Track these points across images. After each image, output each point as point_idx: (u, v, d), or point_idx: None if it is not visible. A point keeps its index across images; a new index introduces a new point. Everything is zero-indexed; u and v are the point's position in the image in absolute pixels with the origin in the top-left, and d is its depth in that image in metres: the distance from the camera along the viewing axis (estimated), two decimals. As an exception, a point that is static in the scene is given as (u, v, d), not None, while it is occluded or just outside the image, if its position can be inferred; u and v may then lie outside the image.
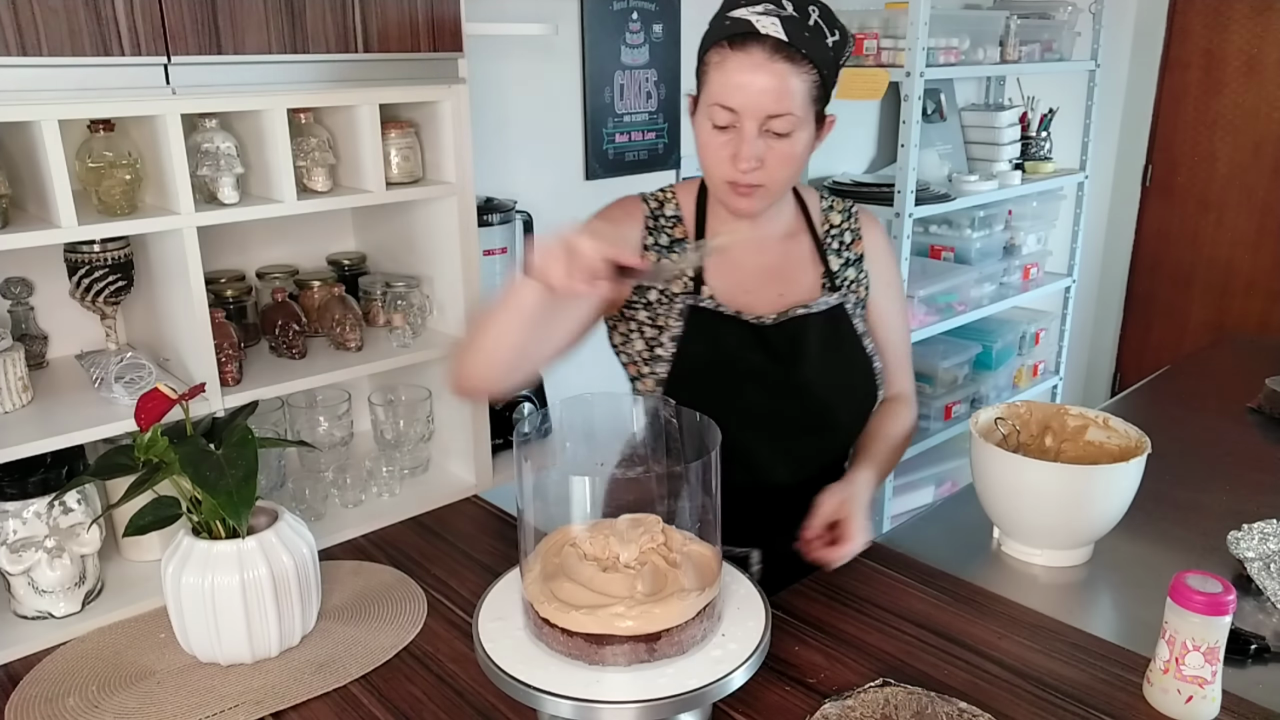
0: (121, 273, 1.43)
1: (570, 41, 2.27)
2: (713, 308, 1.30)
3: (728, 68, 1.17)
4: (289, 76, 1.37)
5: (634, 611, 0.96)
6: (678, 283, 1.31)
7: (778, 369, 1.29)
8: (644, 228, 1.34)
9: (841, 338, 1.35)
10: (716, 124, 1.19)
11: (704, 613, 1.00)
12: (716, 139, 1.20)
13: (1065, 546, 1.39)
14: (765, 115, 1.17)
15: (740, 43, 1.16)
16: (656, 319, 1.32)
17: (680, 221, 1.34)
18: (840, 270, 1.37)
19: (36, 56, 1.15)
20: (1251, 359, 2.30)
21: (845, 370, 1.35)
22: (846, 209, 1.42)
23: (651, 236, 1.33)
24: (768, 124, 1.17)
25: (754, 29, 1.15)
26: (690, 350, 1.29)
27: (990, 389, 3.31)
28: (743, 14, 1.17)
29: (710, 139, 1.21)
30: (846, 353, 1.35)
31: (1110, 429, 1.46)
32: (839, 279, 1.37)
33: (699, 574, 1.02)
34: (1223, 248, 3.90)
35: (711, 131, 1.21)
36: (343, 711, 1.11)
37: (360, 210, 1.81)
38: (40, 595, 1.28)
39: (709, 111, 1.20)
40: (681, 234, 1.34)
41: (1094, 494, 1.32)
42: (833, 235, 1.39)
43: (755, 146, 1.18)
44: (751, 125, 1.17)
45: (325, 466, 1.63)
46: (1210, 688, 1.03)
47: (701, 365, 1.29)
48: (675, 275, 1.30)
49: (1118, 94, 3.98)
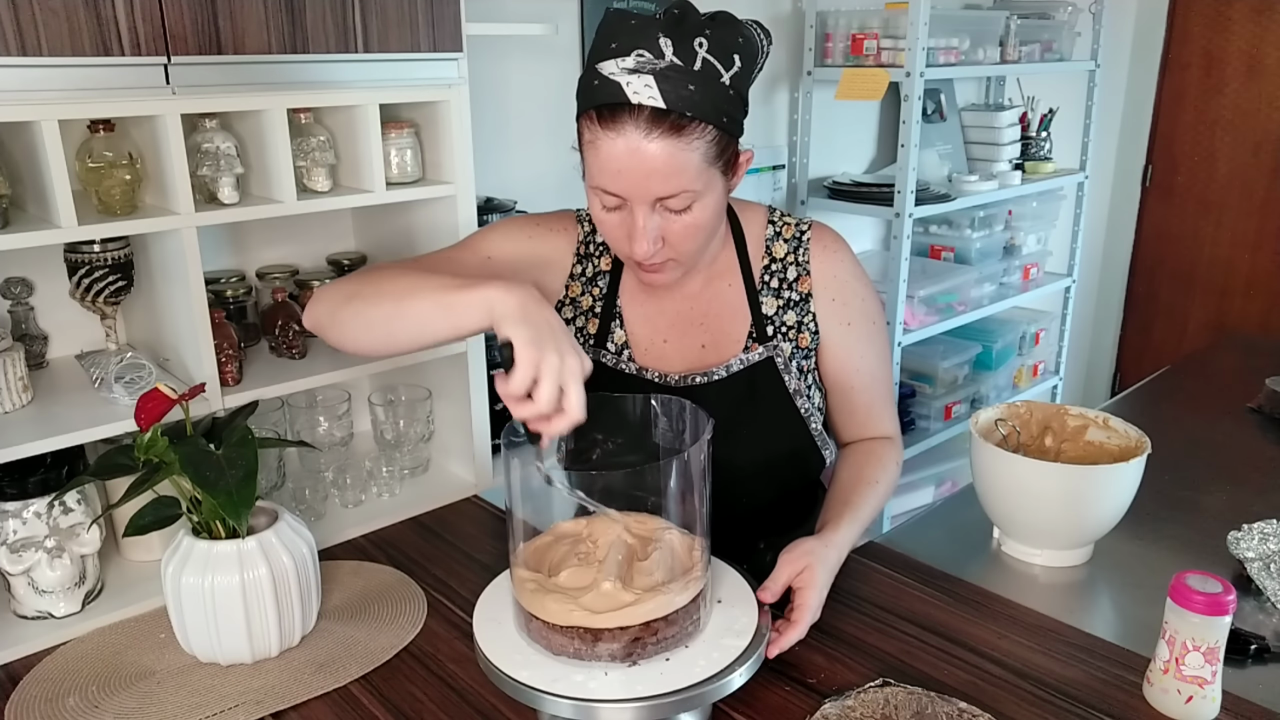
0: (121, 273, 1.43)
1: (570, 41, 2.27)
2: (613, 365, 1.20)
3: (600, 150, 1.02)
4: (289, 76, 1.37)
5: (612, 604, 0.96)
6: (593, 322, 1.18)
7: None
8: (574, 253, 1.25)
9: (760, 401, 1.21)
10: (605, 205, 1.07)
11: (689, 606, 1.00)
12: (609, 219, 1.09)
13: (1065, 546, 1.39)
14: (653, 199, 1.03)
15: (610, 118, 0.99)
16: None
17: (606, 251, 1.25)
18: (776, 315, 1.22)
19: (36, 56, 1.15)
20: (1251, 359, 2.30)
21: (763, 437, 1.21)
22: (796, 235, 1.24)
23: (579, 265, 1.25)
24: (662, 203, 1.04)
25: (623, 97, 0.98)
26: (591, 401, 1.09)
27: (990, 389, 3.31)
28: (610, 71, 0.98)
29: (603, 218, 1.09)
30: (766, 417, 1.21)
31: (1110, 429, 1.46)
32: (773, 325, 1.22)
33: (677, 565, 1.02)
34: (1223, 248, 3.90)
35: (602, 211, 1.08)
36: (343, 711, 1.11)
37: (360, 210, 1.81)
38: (40, 595, 1.28)
39: (594, 191, 1.07)
40: (606, 266, 1.25)
41: (1094, 494, 1.32)
42: (771, 273, 1.23)
43: (651, 229, 1.05)
44: (643, 209, 1.04)
45: (325, 466, 1.63)
46: (1210, 688, 1.03)
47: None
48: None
49: (1118, 94, 3.98)
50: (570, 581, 1.01)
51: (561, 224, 1.28)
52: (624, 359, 1.22)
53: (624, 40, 0.99)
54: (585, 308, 1.23)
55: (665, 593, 0.98)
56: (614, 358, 1.22)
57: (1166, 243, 4.06)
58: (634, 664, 0.97)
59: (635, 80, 0.97)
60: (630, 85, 0.97)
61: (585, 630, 0.96)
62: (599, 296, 1.23)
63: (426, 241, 1.70)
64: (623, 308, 1.23)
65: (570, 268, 1.26)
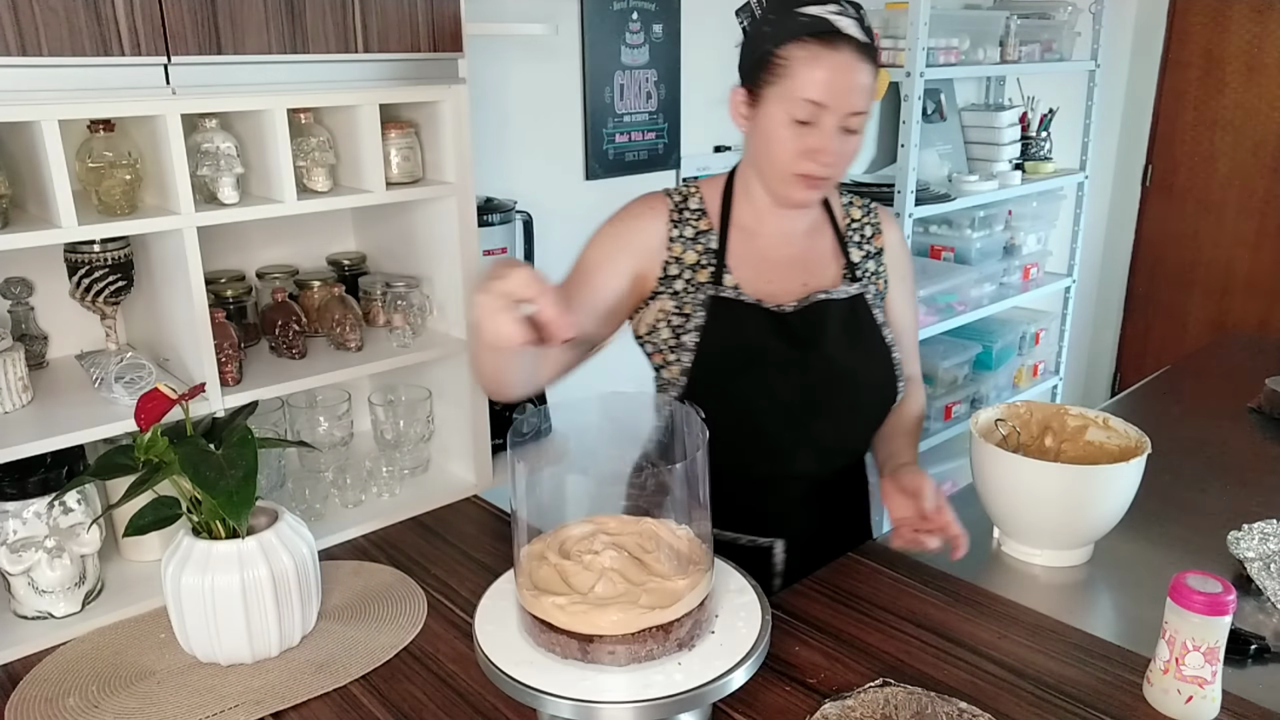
0: (121, 273, 1.43)
1: (570, 41, 2.27)
2: (734, 296, 1.32)
3: (819, 64, 1.19)
4: (289, 76, 1.37)
5: (616, 607, 0.96)
6: (703, 271, 1.33)
7: (798, 354, 1.31)
8: (668, 220, 1.35)
9: (861, 326, 1.36)
10: (797, 118, 1.21)
11: (694, 609, 1.00)
12: (794, 133, 1.22)
13: (1065, 546, 1.39)
14: (849, 112, 1.21)
15: (830, 40, 1.19)
16: (683, 307, 1.33)
17: (705, 214, 1.36)
18: (861, 262, 1.40)
19: (36, 56, 1.15)
20: (1251, 359, 2.30)
21: (865, 357, 1.36)
22: (866, 205, 1.45)
23: (676, 229, 1.34)
24: (846, 120, 1.21)
25: (837, 29, 1.19)
26: (712, 338, 1.30)
27: (990, 389, 3.31)
28: (819, 12, 1.20)
29: (785, 132, 1.23)
30: (866, 341, 1.37)
31: (1110, 429, 1.46)
32: (860, 270, 1.39)
33: (680, 567, 1.02)
34: (1223, 248, 3.90)
35: (790, 125, 1.22)
36: (343, 711, 1.11)
37: (360, 210, 1.81)
38: (40, 595, 1.28)
39: (790, 105, 1.21)
40: (706, 225, 1.35)
41: (1094, 494, 1.32)
42: (854, 229, 1.42)
43: (837, 142, 1.22)
44: (833, 121, 1.21)
45: (325, 466, 1.63)
46: (1210, 688, 1.03)
47: (723, 353, 1.30)
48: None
49: (1118, 94, 3.98)
50: (574, 584, 1.00)
51: (647, 205, 1.38)
52: (741, 293, 1.33)
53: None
54: (691, 262, 1.34)
55: (669, 596, 0.98)
56: (733, 291, 1.32)
57: (1166, 242, 4.06)
58: (636, 665, 0.97)
59: (843, 20, 1.20)
60: (838, 22, 1.20)
61: (588, 633, 0.96)
62: (703, 250, 1.34)
63: (426, 241, 1.70)
64: (729, 257, 1.34)
65: (666, 235, 1.35)
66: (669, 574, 1.02)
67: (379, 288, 1.73)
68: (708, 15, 2.51)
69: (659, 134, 2.49)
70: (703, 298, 1.31)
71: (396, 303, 1.69)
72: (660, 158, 2.52)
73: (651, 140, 2.48)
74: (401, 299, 1.69)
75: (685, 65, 2.48)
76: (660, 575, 1.02)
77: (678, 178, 2.57)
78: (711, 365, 1.30)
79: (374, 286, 1.73)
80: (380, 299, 1.72)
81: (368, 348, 1.63)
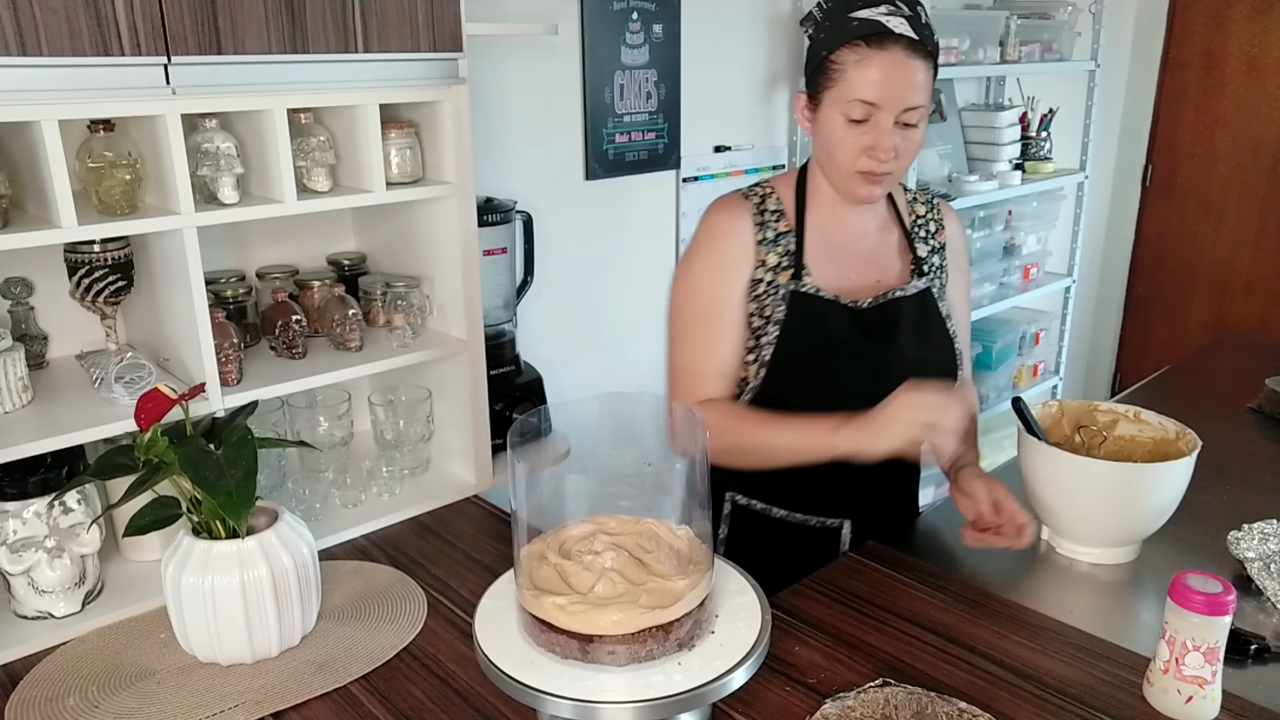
0: (121, 273, 1.43)
1: (570, 41, 2.27)
2: (814, 292, 1.37)
3: (870, 65, 1.25)
4: (289, 76, 1.37)
5: (616, 607, 0.97)
6: (784, 274, 1.38)
7: (873, 347, 1.37)
8: (753, 224, 1.39)
9: (929, 319, 1.43)
10: (852, 118, 1.27)
11: (694, 609, 1.00)
12: (851, 132, 1.29)
13: (1116, 544, 1.39)
14: (904, 108, 1.26)
15: (879, 42, 1.25)
16: (764, 309, 1.38)
17: (783, 215, 1.40)
18: (927, 257, 1.46)
19: (36, 56, 1.15)
20: (1251, 359, 2.30)
21: (933, 349, 1.43)
22: (929, 200, 1.51)
23: (760, 231, 1.39)
24: (902, 116, 1.27)
25: (887, 29, 1.24)
26: (792, 332, 1.36)
27: (990, 389, 3.31)
28: (870, 15, 1.26)
29: (845, 133, 1.29)
30: (934, 333, 1.43)
31: (1143, 422, 1.48)
32: (926, 265, 1.45)
33: (681, 568, 1.02)
34: (1223, 248, 3.90)
35: (846, 125, 1.29)
36: (343, 711, 1.11)
37: (360, 210, 1.81)
38: (40, 595, 1.28)
39: (845, 106, 1.27)
40: (785, 227, 1.40)
41: (1148, 491, 1.33)
42: (919, 225, 1.48)
43: (894, 138, 1.27)
44: (888, 118, 1.26)
45: (325, 466, 1.63)
46: (1210, 688, 1.03)
47: (803, 346, 1.36)
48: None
49: (1118, 94, 3.98)
50: (574, 584, 1.01)
51: (734, 214, 1.41)
52: (821, 290, 1.38)
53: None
54: (773, 264, 1.39)
55: (669, 596, 0.98)
56: (812, 288, 1.38)
57: (1166, 243, 4.06)
58: (636, 665, 0.97)
59: (893, 19, 1.25)
60: (889, 22, 1.25)
61: (588, 633, 0.96)
62: (784, 252, 1.39)
63: (426, 241, 1.70)
64: (807, 257, 1.39)
65: (754, 239, 1.39)
66: (669, 574, 1.02)
67: (379, 288, 1.73)
68: (708, 15, 2.50)
69: (659, 134, 2.49)
70: (783, 294, 1.37)
71: (396, 303, 1.69)
72: (660, 158, 2.52)
73: (651, 140, 2.48)
74: (401, 299, 1.69)
75: (685, 65, 2.48)
76: (660, 575, 1.02)
77: (678, 178, 2.57)
78: (791, 356, 1.36)
79: (374, 286, 1.73)
80: (380, 299, 1.72)
81: (368, 348, 1.63)
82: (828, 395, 1.34)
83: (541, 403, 2.04)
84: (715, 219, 1.42)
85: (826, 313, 1.37)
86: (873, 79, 1.25)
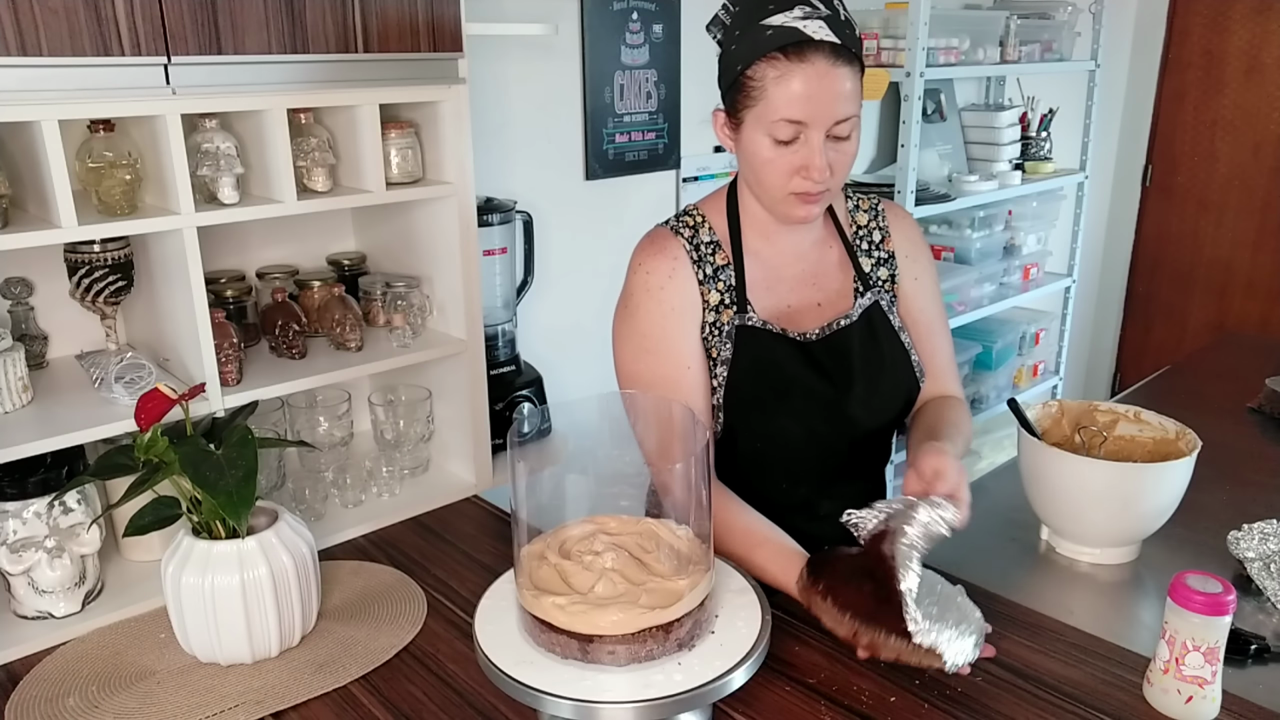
0: (121, 273, 1.43)
1: (570, 41, 2.27)
2: (760, 325, 1.27)
3: (792, 80, 1.13)
4: (289, 76, 1.37)
5: (616, 607, 0.97)
6: (727, 312, 1.28)
7: (825, 384, 1.28)
8: (691, 265, 1.27)
9: (879, 337, 1.33)
10: (779, 139, 1.16)
11: (694, 609, 1.00)
12: (780, 153, 1.17)
13: (1117, 544, 1.40)
14: (834, 121, 1.15)
15: (798, 53, 1.12)
16: (710, 350, 1.28)
17: (719, 246, 1.29)
18: (872, 271, 1.36)
19: (36, 56, 1.15)
20: (1251, 359, 2.30)
21: (889, 372, 1.32)
22: (872, 206, 1.39)
23: (699, 269, 1.28)
24: (833, 129, 1.15)
25: (806, 37, 1.12)
26: (742, 371, 1.27)
27: (990, 389, 3.31)
28: (785, 21, 1.13)
29: (772, 155, 1.17)
30: (887, 353, 1.33)
31: (1143, 422, 1.48)
32: (871, 279, 1.35)
33: (681, 568, 1.02)
34: (1223, 248, 3.90)
35: (774, 147, 1.17)
36: (343, 711, 1.11)
37: (360, 210, 1.81)
38: (40, 595, 1.28)
39: (770, 127, 1.15)
40: (723, 259, 1.29)
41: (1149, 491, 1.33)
42: (860, 236, 1.37)
43: (827, 155, 1.16)
44: (818, 135, 1.15)
45: (325, 466, 1.63)
46: (1210, 688, 1.03)
47: (754, 389, 1.26)
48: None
49: (1118, 94, 3.98)
50: (574, 584, 1.01)
51: (670, 254, 1.28)
52: (767, 323, 1.29)
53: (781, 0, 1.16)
54: (715, 303, 1.29)
55: (669, 596, 0.98)
56: (758, 322, 1.29)
57: (1166, 243, 4.06)
58: (636, 665, 0.97)
59: (810, 24, 1.13)
60: (807, 27, 1.12)
61: (588, 633, 0.96)
62: (725, 288, 1.29)
63: (426, 241, 1.70)
64: (749, 289, 1.30)
65: (696, 281, 1.28)
66: (669, 574, 1.02)
67: (379, 288, 1.73)
68: (707, 15, 2.50)
69: (659, 134, 2.49)
70: (728, 330, 1.27)
71: (396, 303, 1.69)
72: (660, 158, 2.52)
73: (651, 140, 2.48)
74: (401, 299, 1.69)
75: (685, 65, 2.48)
76: (660, 575, 1.02)
77: (678, 177, 2.57)
78: (744, 400, 1.27)
79: (374, 286, 1.73)
80: (380, 299, 1.72)
81: (368, 348, 1.63)
82: (784, 438, 1.28)
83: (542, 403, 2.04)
84: (650, 265, 1.27)
85: (774, 348, 1.27)
86: (797, 95, 1.12)
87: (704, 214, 1.31)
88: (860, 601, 1.05)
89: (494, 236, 2.01)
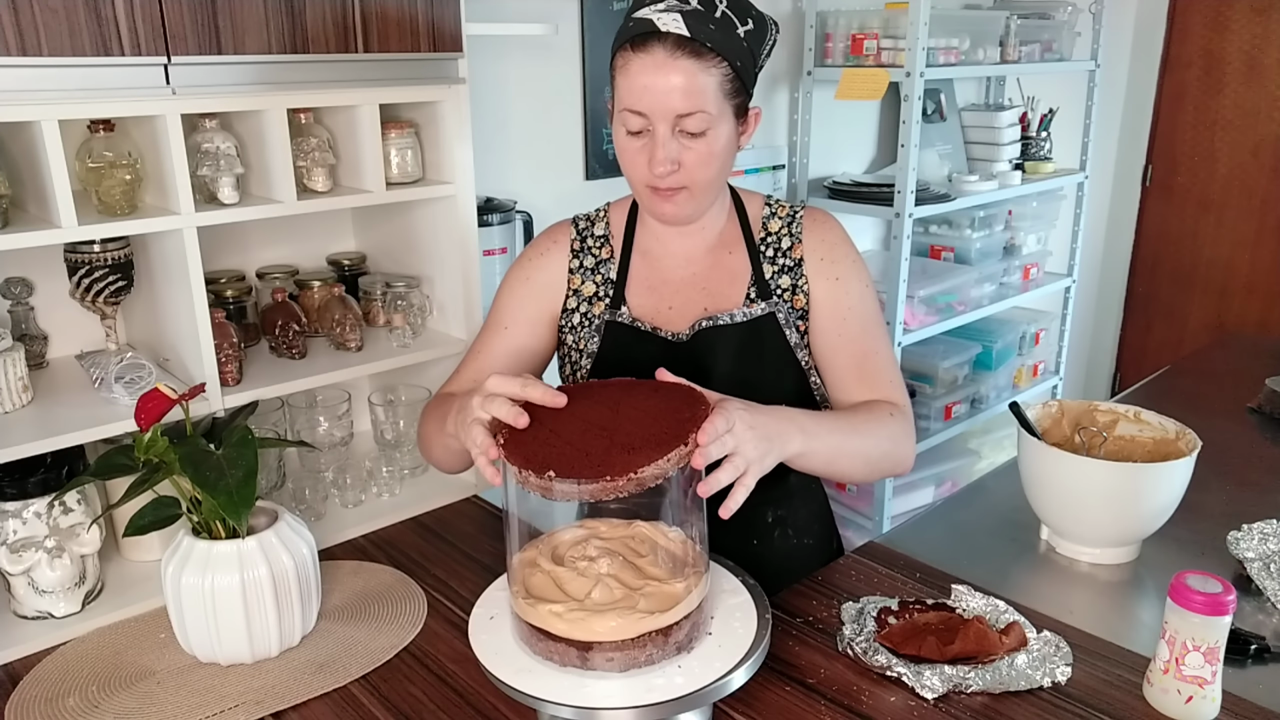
0: (121, 273, 1.43)
1: (570, 41, 2.27)
2: (629, 323, 1.29)
3: (631, 71, 1.13)
4: (289, 76, 1.37)
5: (614, 613, 0.96)
6: (600, 304, 1.30)
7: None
8: (569, 252, 1.34)
9: (764, 350, 1.28)
10: (630, 129, 1.16)
11: (690, 614, 1.00)
12: (632, 144, 1.17)
13: (1117, 544, 1.40)
14: (675, 115, 1.13)
15: (642, 43, 1.12)
16: (579, 341, 1.32)
17: (608, 242, 1.34)
18: (773, 278, 1.30)
19: (36, 56, 1.15)
20: (1251, 359, 2.30)
21: (771, 384, 1.27)
22: (790, 213, 1.33)
23: (576, 259, 1.33)
24: (680, 124, 1.13)
25: (655, 28, 1.11)
26: (605, 364, 1.29)
27: (990, 389, 3.31)
28: (645, 14, 1.13)
29: (626, 145, 1.18)
30: (770, 364, 1.28)
31: (1143, 422, 1.48)
32: (771, 288, 1.29)
33: (676, 572, 1.02)
34: (1223, 248, 3.91)
35: (626, 137, 1.18)
36: (343, 711, 1.11)
37: (360, 210, 1.81)
38: (40, 595, 1.28)
39: (621, 117, 1.17)
40: (608, 254, 1.33)
41: (1148, 491, 1.33)
42: (767, 244, 1.32)
43: (669, 149, 1.14)
44: (664, 127, 1.13)
45: (325, 466, 1.63)
46: (1210, 688, 1.03)
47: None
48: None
49: (1118, 94, 3.98)
50: (569, 590, 1.00)
51: (553, 238, 1.37)
52: (637, 321, 1.30)
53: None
54: (589, 294, 1.32)
55: (667, 599, 0.98)
56: (628, 319, 1.30)
57: (1166, 242, 4.06)
58: (636, 670, 0.97)
59: (665, 16, 1.12)
60: (660, 19, 1.12)
61: (586, 640, 0.96)
62: (602, 281, 1.32)
63: (426, 241, 1.70)
64: (629, 286, 1.31)
65: (566, 268, 1.33)
66: (665, 577, 1.02)
67: (379, 288, 1.73)
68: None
69: (659, 134, 2.49)
70: (598, 324, 1.29)
71: (396, 303, 1.69)
72: (660, 158, 2.51)
73: (651, 140, 2.48)
74: (401, 299, 1.69)
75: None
76: (656, 579, 1.01)
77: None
78: None
79: (374, 286, 1.73)
80: (380, 299, 1.72)
81: (368, 348, 1.63)
82: None
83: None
84: (537, 241, 1.37)
85: (640, 346, 1.27)
86: (635, 86, 1.13)
87: (609, 212, 1.37)
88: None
89: (494, 236, 2.01)
